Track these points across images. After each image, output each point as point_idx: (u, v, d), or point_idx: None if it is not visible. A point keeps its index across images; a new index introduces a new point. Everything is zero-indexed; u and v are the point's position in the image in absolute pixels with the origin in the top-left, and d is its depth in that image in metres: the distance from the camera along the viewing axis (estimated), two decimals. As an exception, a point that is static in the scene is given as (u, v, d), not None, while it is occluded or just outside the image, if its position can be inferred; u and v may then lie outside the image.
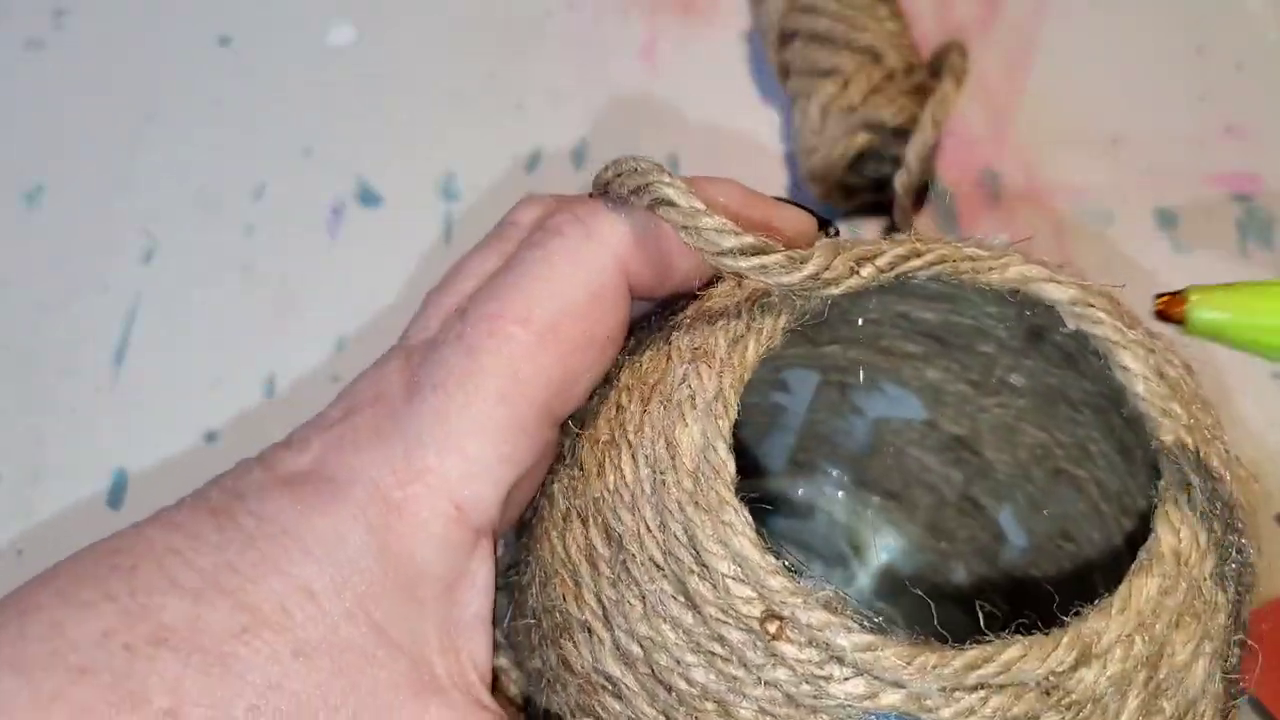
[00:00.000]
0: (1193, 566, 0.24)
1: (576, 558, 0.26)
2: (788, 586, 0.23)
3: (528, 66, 0.49)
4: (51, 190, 0.46)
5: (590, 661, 0.25)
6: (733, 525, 0.23)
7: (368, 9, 0.50)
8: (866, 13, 0.44)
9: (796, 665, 0.23)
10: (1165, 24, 0.49)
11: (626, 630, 0.24)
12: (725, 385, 0.25)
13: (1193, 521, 0.25)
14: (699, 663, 0.23)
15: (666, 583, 0.24)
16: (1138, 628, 0.23)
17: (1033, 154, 0.47)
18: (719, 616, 0.23)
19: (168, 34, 0.49)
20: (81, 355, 0.43)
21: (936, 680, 0.22)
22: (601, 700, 0.25)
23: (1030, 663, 0.22)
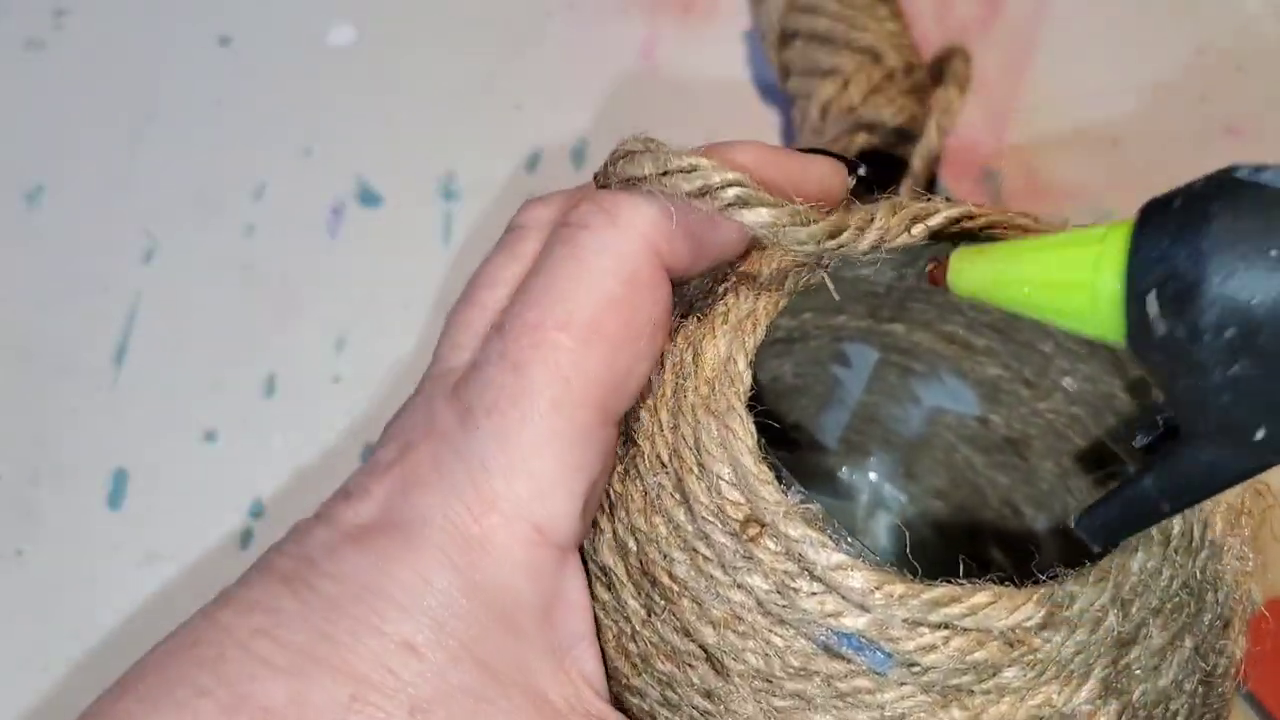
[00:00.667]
0: (1182, 555, 0.24)
1: None
2: (775, 497, 0.23)
3: (528, 66, 0.49)
4: (51, 190, 0.46)
5: (590, 553, 0.26)
6: (735, 432, 0.24)
7: (368, 9, 0.50)
8: (866, 13, 0.44)
9: (770, 573, 0.23)
10: (1165, 24, 0.49)
11: (625, 523, 0.25)
12: (759, 306, 0.26)
13: (1190, 512, 0.25)
14: (683, 559, 0.24)
15: (666, 478, 0.25)
16: (1113, 601, 0.23)
17: (1032, 154, 0.47)
18: (707, 516, 0.24)
19: (168, 34, 0.49)
20: (81, 355, 0.43)
21: (902, 610, 0.23)
22: (593, 589, 0.26)
23: (997, 611, 0.23)
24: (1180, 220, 0.18)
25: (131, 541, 0.40)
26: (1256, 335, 0.17)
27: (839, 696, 0.23)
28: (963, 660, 0.23)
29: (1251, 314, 0.17)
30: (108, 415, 0.42)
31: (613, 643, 0.25)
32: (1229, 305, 0.18)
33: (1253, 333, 0.17)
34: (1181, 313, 0.18)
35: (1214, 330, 0.18)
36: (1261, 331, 0.17)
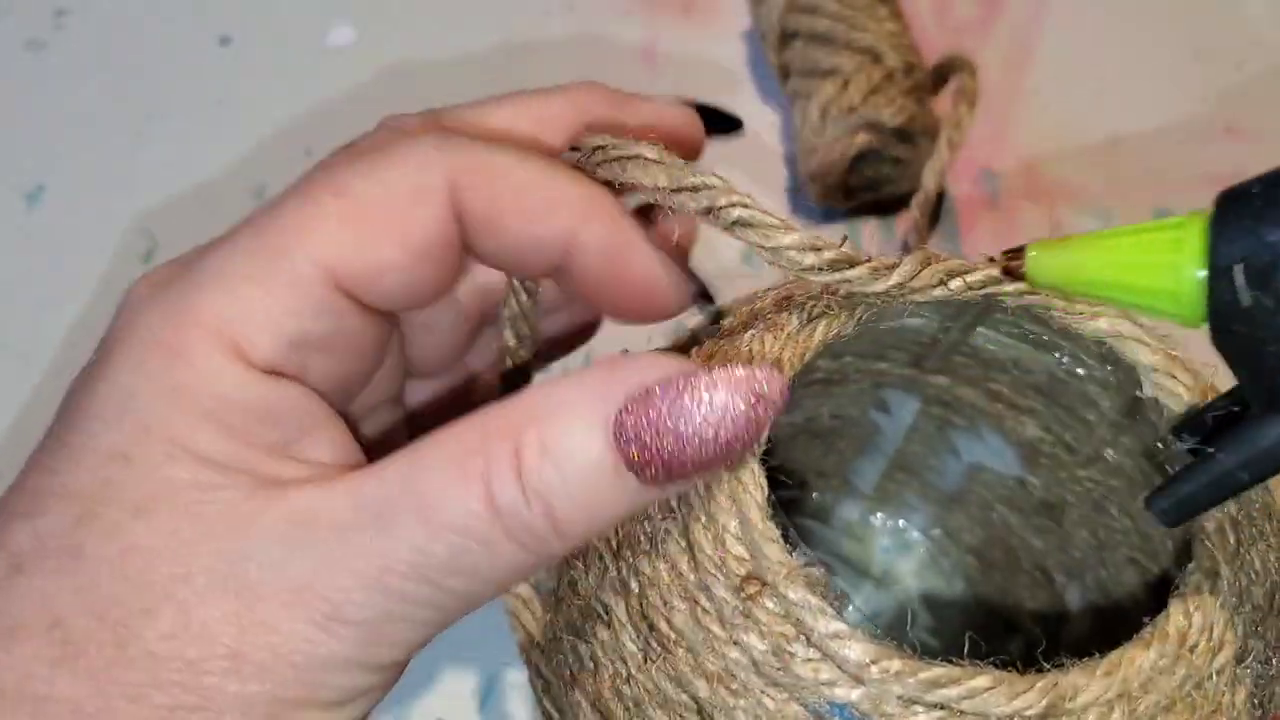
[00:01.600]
0: (1198, 655, 0.23)
1: None
2: (778, 556, 0.23)
3: (528, 67, 0.49)
4: (51, 190, 0.46)
5: (593, 588, 0.25)
6: (745, 485, 0.24)
7: (368, 9, 0.50)
8: (866, 13, 0.44)
9: (767, 634, 0.23)
10: (1165, 25, 0.49)
11: (630, 564, 0.25)
12: (785, 355, 0.25)
13: (1211, 610, 0.24)
14: (683, 608, 0.24)
15: (673, 525, 0.24)
16: (1119, 697, 0.22)
17: (1032, 154, 0.47)
18: (710, 568, 0.23)
19: (168, 34, 0.49)
20: (81, 355, 0.43)
21: (898, 687, 0.22)
22: (593, 626, 0.25)
23: (997, 697, 0.22)
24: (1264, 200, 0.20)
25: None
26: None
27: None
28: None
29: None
30: (107, 415, 0.42)
31: (608, 683, 0.25)
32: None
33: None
34: (1267, 284, 0.20)
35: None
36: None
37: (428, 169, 0.24)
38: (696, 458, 0.21)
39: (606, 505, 0.22)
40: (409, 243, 0.24)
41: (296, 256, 0.23)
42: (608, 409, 0.21)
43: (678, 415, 0.21)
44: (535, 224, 0.24)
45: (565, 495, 0.21)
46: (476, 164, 0.24)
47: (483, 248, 0.25)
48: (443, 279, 0.25)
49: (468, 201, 0.24)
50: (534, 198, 0.24)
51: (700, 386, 0.21)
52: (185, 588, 0.21)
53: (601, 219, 0.24)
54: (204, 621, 0.21)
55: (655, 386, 0.21)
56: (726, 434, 0.21)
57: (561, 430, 0.21)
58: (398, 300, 0.24)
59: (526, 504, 0.21)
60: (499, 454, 0.21)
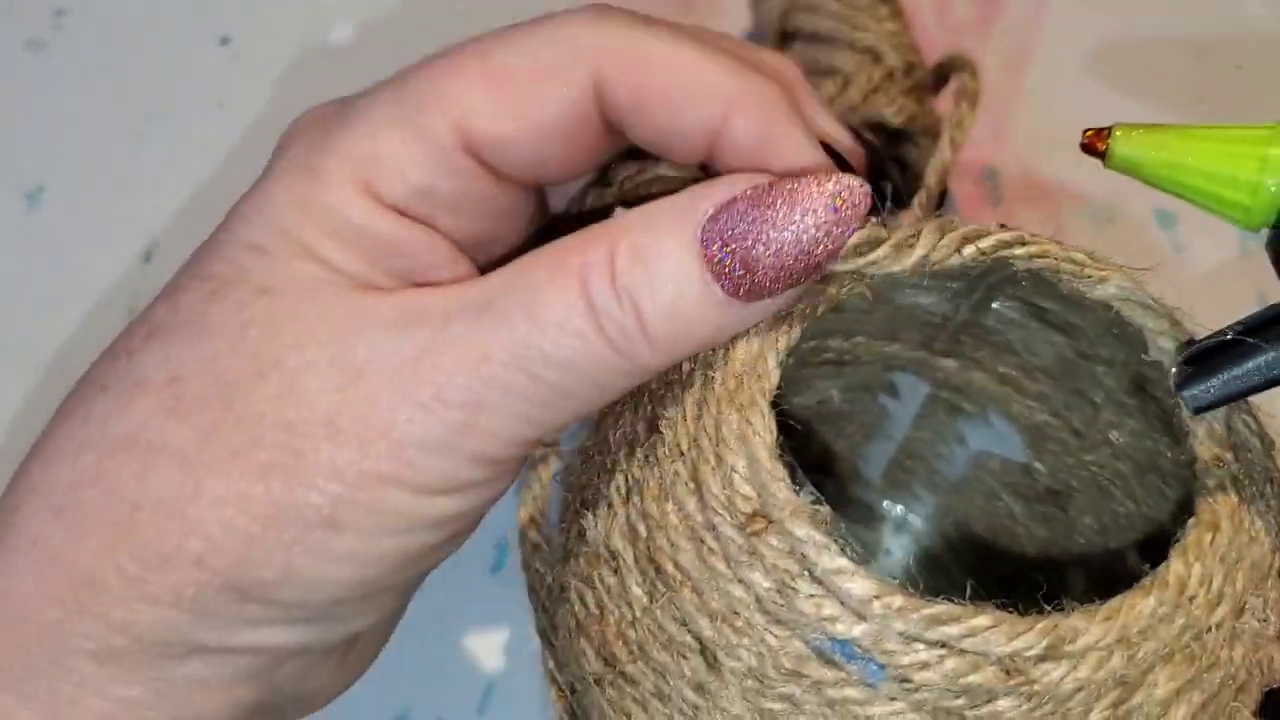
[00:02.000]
0: (1197, 606, 0.23)
1: (618, 442, 0.26)
2: (785, 494, 0.23)
3: (528, 66, 0.49)
4: (51, 190, 0.46)
5: (602, 535, 0.26)
6: (755, 426, 0.24)
7: (368, 9, 0.50)
8: (866, 12, 0.44)
9: (771, 570, 0.23)
10: (1165, 24, 0.49)
11: (639, 509, 0.25)
12: (797, 308, 0.25)
13: (1210, 563, 0.24)
14: (689, 548, 0.24)
15: (683, 466, 0.24)
16: (1118, 642, 0.23)
17: (1032, 153, 0.47)
18: (717, 508, 0.24)
19: (168, 34, 0.49)
20: (81, 356, 0.43)
21: (899, 623, 0.22)
22: (600, 572, 0.26)
23: (997, 636, 0.22)
24: None
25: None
26: None
27: (828, 705, 0.23)
28: (956, 682, 0.22)
29: None
30: (108, 415, 0.42)
31: (613, 628, 0.25)
32: None
33: None
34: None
35: None
36: None
37: (574, 48, 0.25)
38: (779, 261, 0.23)
39: (693, 315, 0.23)
40: (540, 118, 0.24)
41: (433, 114, 0.24)
42: (697, 217, 0.23)
43: (760, 219, 0.23)
44: (680, 114, 0.25)
45: (653, 298, 0.23)
46: (625, 47, 0.24)
47: (632, 133, 0.25)
48: (577, 157, 0.26)
49: (612, 86, 0.25)
50: (680, 87, 0.24)
51: (783, 192, 0.23)
52: (295, 358, 0.23)
53: (751, 111, 0.25)
54: (308, 389, 0.23)
55: (740, 195, 0.23)
56: (808, 237, 0.23)
57: (653, 236, 0.23)
58: (529, 172, 0.26)
59: (618, 302, 0.23)
60: (596, 256, 0.23)
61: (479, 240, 0.26)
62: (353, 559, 0.23)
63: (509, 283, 0.23)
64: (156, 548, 0.22)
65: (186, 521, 0.22)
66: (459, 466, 0.23)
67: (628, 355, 0.23)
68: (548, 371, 0.23)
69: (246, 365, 0.23)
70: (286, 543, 0.23)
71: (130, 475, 0.23)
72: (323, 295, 0.24)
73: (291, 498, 0.23)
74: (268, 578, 0.23)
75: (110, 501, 0.23)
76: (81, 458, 0.23)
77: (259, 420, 0.23)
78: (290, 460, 0.23)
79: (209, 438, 0.23)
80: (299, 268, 0.24)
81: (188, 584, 0.23)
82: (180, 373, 0.23)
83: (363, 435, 0.23)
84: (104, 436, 0.23)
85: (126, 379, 0.24)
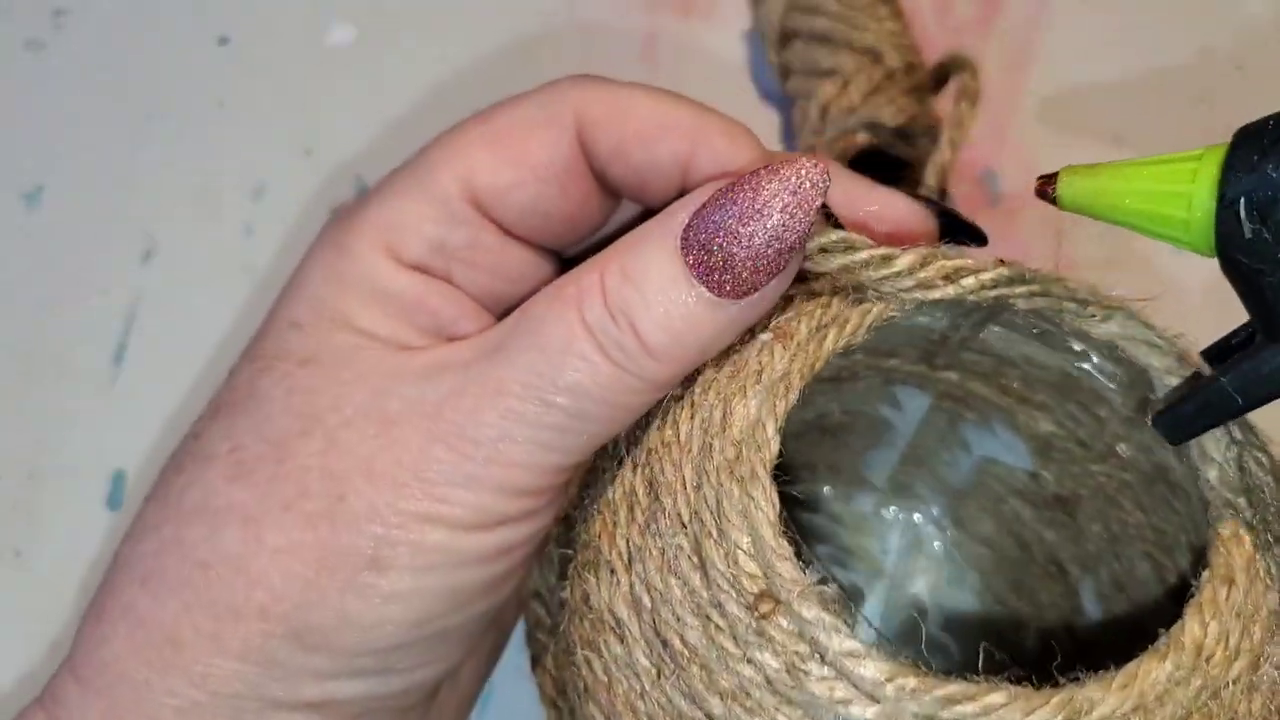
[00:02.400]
0: (1215, 666, 0.23)
1: (619, 501, 0.26)
2: (792, 574, 0.23)
3: (527, 67, 0.49)
4: (51, 190, 0.46)
5: (606, 601, 0.26)
6: (756, 501, 0.24)
7: (368, 9, 0.50)
8: (866, 12, 0.44)
9: (781, 652, 0.23)
10: (1165, 24, 0.49)
11: (642, 578, 0.25)
12: (794, 369, 0.25)
13: (1227, 619, 0.23)
14: (696, 625, 0.24)
15: (685, 540, 0.24)
16: (1136, 709, 0.22)
17: (1032, 154, 0.47)
18: (723, 585, 0.23)
19: (167, 34, 0.49)
20: (80, 356, 0.43)
21: (913, 704, 0.22)
22: (606, 639, 0.25)
23: (1012, 713, 0.22)
24: (1273, 137, 0.21)
25: (131, 542, 0.40)
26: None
27: None
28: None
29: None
30: (107, 416, 0.42)
31: (622, 698, 0.25)
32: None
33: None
34: (1267, 217, 0.21)
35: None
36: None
37: (558, 101, 0.27)
38: (753, 251, 0.24)
39: (688, 321, 0.24)
40: (533, 165, 0.27)
41: (441, 174, 0.27)
42: (675, 228, 0.24)
43: (729, 216, 0.24)
44: (652, 149, 0.27)
45: (645, 310, 0.24)
46: (603, 97, 0.27)
47: (613, 175, 0.27)
48: (573, 209, 0.28)
49: (593, 130, 0.27)
50: (652, 124, 0.27)
51: (744, 186, 0.24)
52: (335, 416, 0.25)
53: (715, 141, 0.27)
54: (347, 441, 0.25)
55: (708, 199, 0.24)
56: (774, 222, 0.24)
57: (637, 255, 0.24)
58: (532, 223, 0.28)
59: (613, 321, 0.24)
60: (587, 283, 0.25)
61: (497, 299, 0.28)
62: (400, 598, 0.24)
63: (516, 322, 0.25)
64: (227, 602, 0.24)
65: (251, 575, 0.24)
66: (490, 499, 0.25)
67: (633, 371, 0.24)
68: (559, 397, 0.24)
69: (292, 425, 0.25)
70: (339, 586, 0.24)
71: (201, 539, 0.25)
72: (358, 359, 0.26)
73: (337, 541, 0.24)
74: (325, 622, 0.24)
75: (186, 565, 0.25)
76: (162, 530, 0.25)
77: (305, 473, 0.25)
78: (335, 506, 0.24)
79: (265, 495, 0.25)
80: (335, 337, 0.26)
81: (255, 634, 0.24)
82: (239, 441, 0.26)
83: (397, 477, 0.24)
84: (179, 509, 0.25)
85: (197, 456, 0.26)
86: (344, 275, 0.27)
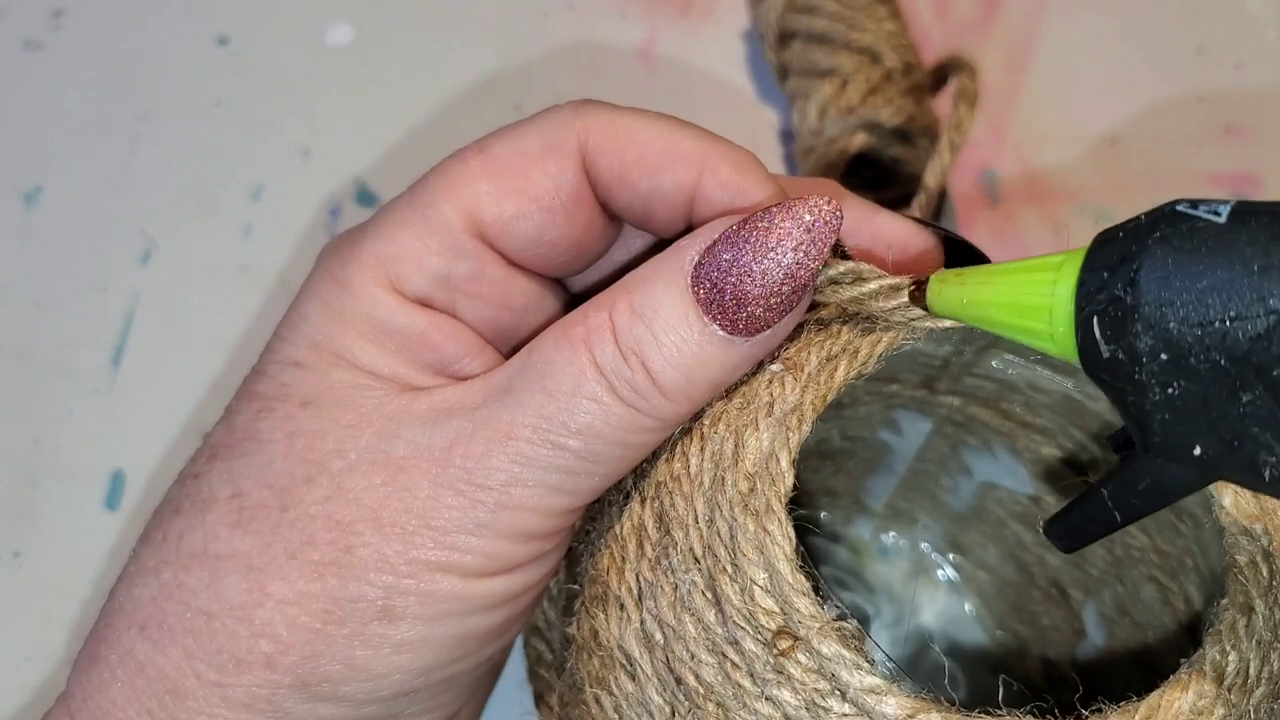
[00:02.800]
0: (1236, 693, 0.23)
1: (627, 535, 0.26)
2: (810, 610, 0.23)
3: (526, 66, 0.49)
4: (50, 190, 0.46)
5: (616, 637, 0.25)
6: (773, 535, 0.23)
7: (366, 9, 0.50)
8: (865, 13, 0.44)
9: (800, 689, 0.22)
10: (1164, 24, 0.49)
11: (654, 614, 0.25)
12: (806, 400, 0.25)
13: (1246, 647, 0.23)
14: (711, 662, 0.23)
15: (699, 576, 0.24)
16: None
17: (1031, 153, 0.47)
18: (739, 621, 0.23)
19: (166, 34, 0.49)
20: (79, 356, 0.43)
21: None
22: (617, 677, 0.25)
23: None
24: (1122, 251, 0.20)
25: (129, 543, 0.40)
26: (1186, 361, 0.19)
27: None
28: None
29: (1181, 341, 0.19)
30: (105, 416, 0.42)
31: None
32: (1161, 333, 0.19)
33: (1182, 358, 0.19)
34: (1120, 337, 0.19)
35: (1149, 354, 0.19)
36: (1190, 357, 0.19)
37: (560, 129, 0.26)
38: (767, 289, 0.24)
39: (700, 359, 0.24)
40: (538, 194, 0.26)
41: (443, 206, 0.26)
42: (685, 266, 0.24)
43: (742, 253, 0.24)
44: (657, 178, 0.26)
45: (656, 349, 0.24)
46: (606, 124, 0.26)
47: (617, 203, 0.27)
48: (579, 238, 0.27)
49: (597, 157, 0.26)
50: (656, 151, 0.26)
51: (757, 223, 0.24)
52: (340, 461, 0.24)
53: (722, 170, 0.26)
54: (353, 488, 0.24)
55: (720, 236, 0.24)
56: (789, 260, 0.23)
57: (647, 293, 0.24)
58: (537, 254, 0.27)
59: (624, 361, 0.24)
60: (597, 322, 0.24)
61: (501, 332, 0.28)
62: (410, 647, 0.24)
63: (523, 364, 0.25)
64: (231, 652, 0.24)
65: (255, 625, 0.24)
66: (501, 545, 0.24)
67: (645, 410, 0.24)
68: (570, 439, 0.24)
69: (296, 471, 0.25)
70: (347, 636, 0.24)
71: (203, 586, 0.24)
72: (360, 400, 0.25)
73: (346, 592, 0.24)
74: (333, 672, 0.24)
75: (187, 612, 0.24)
76: (161, 574, 0.25)
77: (311, 521, 0.24)
78: (343, 556, 0.24)
79: (269, 543, 0.24)
80: (335, 377, 0.26)
81: (261, 684, 0.24)
82: (240, 487, 0.25)
83: (406, 525, 0.24)
84: (178, 554, 0.25)
85: (196, 499, 0.25)
86: (344, 311, 0.26)
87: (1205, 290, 0.18)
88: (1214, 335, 0.18)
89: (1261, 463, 0.19)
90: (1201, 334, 0.18)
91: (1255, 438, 0.18)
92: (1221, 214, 0.19)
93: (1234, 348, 0.18)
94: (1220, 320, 0.18)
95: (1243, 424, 0.18)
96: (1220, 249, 0.18)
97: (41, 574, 0.40)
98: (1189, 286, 0.18)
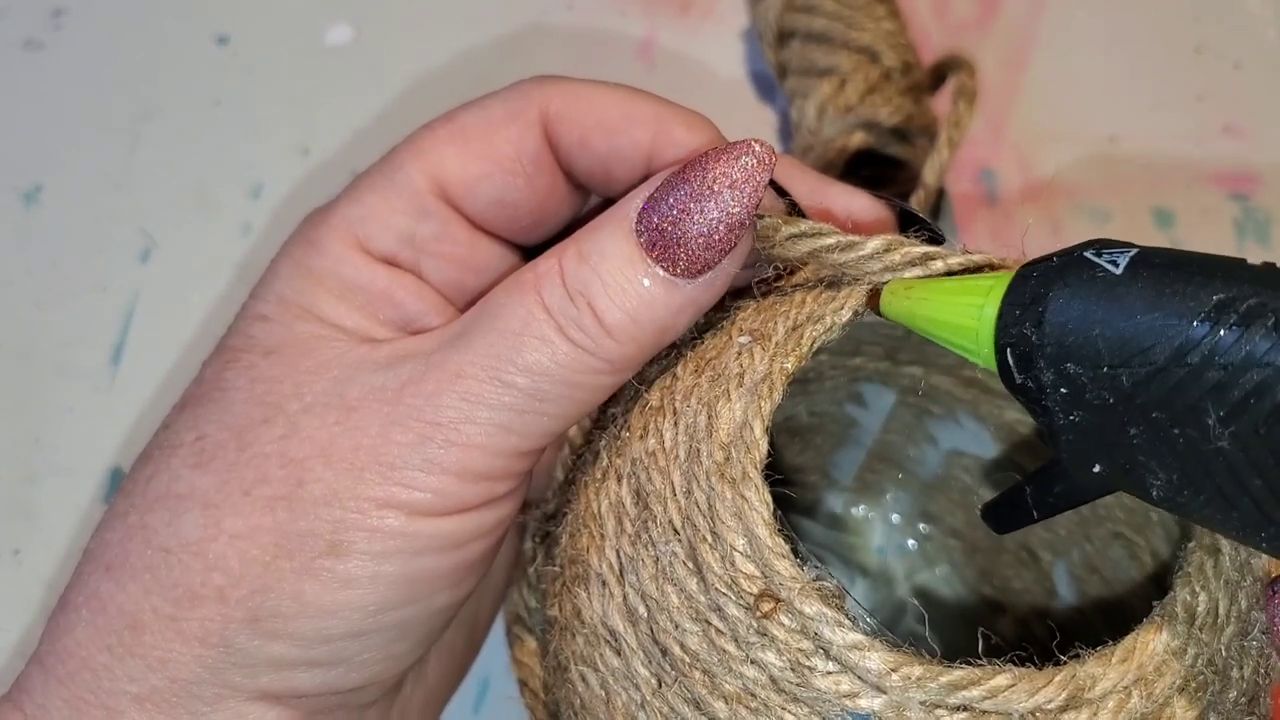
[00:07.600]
0: (1207, 632, 0.23)
1: (605, 513, 0.26)
2: (790, 572, 0.23)
3: (526, 66, 0.49)
4: (50, 190, 0.46)
5: (600, 614, 0.25)
6: (750, 502, 0.24)
7: (366, 9, 0.50)
8: (864, 12, 0.44)
9: (784, 650, 0.23)
10: (1164, 23, 0.49)
11: (636, 588, 0.25)
12: (775, 369, 0.25)
13: (1215, 587, 0.24)
14: (695, 630, 0.24)
15: (679, 547, 0.24)
16: (1136, 682, 0.23)
17: (1030, 152, 0.47)
18: (721, 588, 0.23)
19: (166, 33, 0.49)
20: (79, 355, 0.43)
21: (919, 693, 0.22)
22: (603, 653, 0.25)
23: (1017, 694, 0.22)
24: (1034, 292, 0.21)
25: (129, 541, 0.40)
26: (1082, 397, 0.21)
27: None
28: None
29: (1077, 380, 0.21)
30: (105, 415, 0.42)
31: (622, 711, 0.25)
32: (1061, 371, 0.21)
33: (1079, 395, 0.21)
34: (1028, 369, 0.21)
35: (1051, 387, 0.21)
36: (1086, 394, 0.21)
37: (522, 99, 0.28)
38: (705, 229, 0.25)
39: (644, 300, 0.25)
40: (500, 157, 0.28)
41: (409, 169, 0.28)
42: (630, 213, 0.25)
43: (680, 196, 0.25)
44: (616, 139, 0.28)
45: (602, 289, 0.25)
46: (565, 92, 0.28)
47: (579, 167, 0.28)
48: (539, 200, 0.28)
49: (558, 123, 0.28)
50: (613, 114, 0.27)
51: (693, 167, 0.25)
52: (296, 404, 0.25)
53: (675, 129, 0.27)
54: (308, 427, 0.25)
55: (662, 183, 0.25)
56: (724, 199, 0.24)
57: (594, 240, 0.25)
58: (500, 215, 0.28)
59: (571, 302, 0.25)
60: (545, 267, 0.25)
61: (465, 294, 0.29)
62: (358, 584, 0.24)
63: (478, 311, 0.26)
64: (186, 586, 0.24)
65: (209, 559, 0.24)
66: (450, 483, 0.25)
67: (592, 350, 0.25)
68: (519, 377, 0.25)
69: (254, 413, 0.25)
70: (296, 570, 0.24)
71: (163, 524, 0.25)
72: (322, 349, 0.26)
73: (296, 526, 0.24)
74: (282, 607, 0.24)
75: (148, 550, 0.25)
76: (128, 518, 0.26)
77: (266, 460, 0.25)
78: (294, 491, 0.24)
79: (225, 480, 0.25)
80: (299, 328, 0.26)
81: (213, 618, 0.24)
82: (203, 431, 0.26)
83: (355, 461, 0.24)
84: (144, 497, 0.26)
85: (164, 445, 0.26)
86: (312, 268, 0.27)
87: (1098, 338, 0.20)
88: (1104, 379, 0.20)
89: (1149, 484, 0.21)
90: (1095, 375, 0.20)
91: (1143, 465, 0.21)
92: (1119, 264, 0.21)
93: (1120, 390, 0.20)
94: (1109, 366, 0.20)
95: (1131, 453, 0.21)
96: (1113, 300, 0.20)
97: (41, 571, 0.40)
98: (1085, 332, 0.20)
